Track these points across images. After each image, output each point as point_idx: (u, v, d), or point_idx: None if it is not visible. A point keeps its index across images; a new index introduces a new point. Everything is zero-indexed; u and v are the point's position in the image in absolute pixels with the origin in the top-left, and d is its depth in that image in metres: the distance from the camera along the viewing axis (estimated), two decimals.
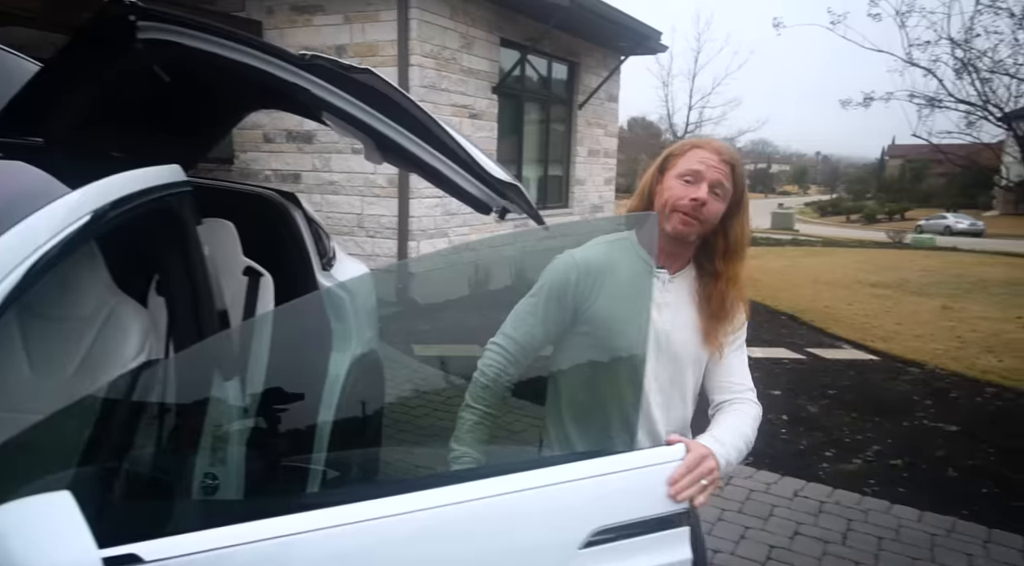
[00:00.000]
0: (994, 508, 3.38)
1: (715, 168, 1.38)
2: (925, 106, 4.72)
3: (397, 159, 2.07)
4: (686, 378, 1.47)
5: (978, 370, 5.83)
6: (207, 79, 2.12)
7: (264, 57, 1.79)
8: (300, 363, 2.53)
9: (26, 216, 1.16)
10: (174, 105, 2.18)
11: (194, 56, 1.81)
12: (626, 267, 1.45)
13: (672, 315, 1.45)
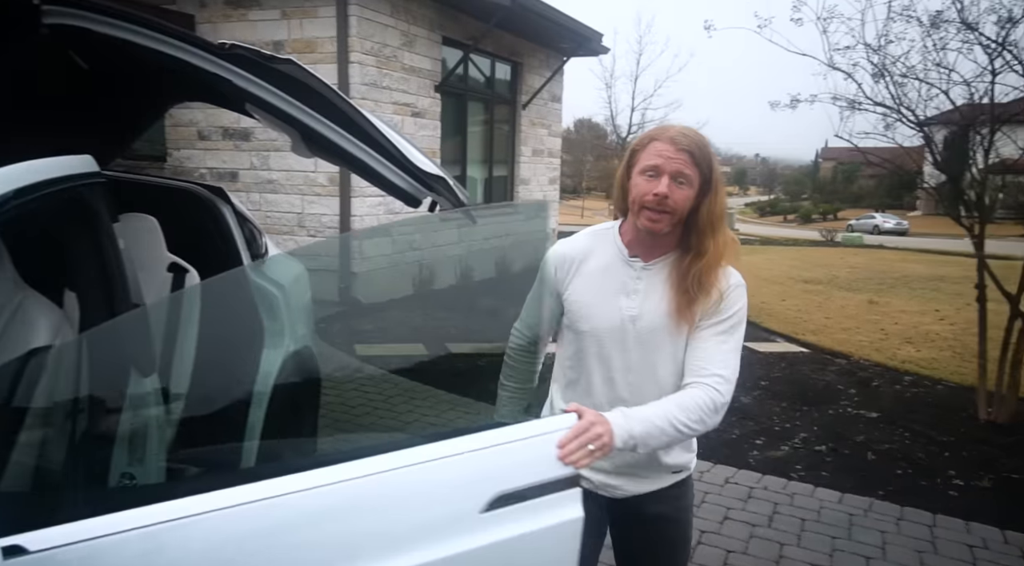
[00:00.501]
0: (906, 488, 3.57)
1: (673, 159, 1.38)
2: (846, 108, 4.91)
3: (323, 152, 2.06)
4: (656, 362, 1.49)
5: (898, 360, 6.15)
6: (125, 71, 2.07)
7: (181, 45, 1.76)
8: (229, 360, 2.48)
9: None
10: (90, 97, 2.11)
11: (105, 43, 1.76)
12: (601, 256, 1.54)
13: (642, 301, 1.48)
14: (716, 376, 1.43)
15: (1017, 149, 4.62)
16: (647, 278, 1.49)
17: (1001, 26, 4.28)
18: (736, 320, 1.47)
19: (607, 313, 1.49)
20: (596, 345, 1.51)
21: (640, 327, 1.47)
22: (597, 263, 1.53)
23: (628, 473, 1.58)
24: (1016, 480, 3.70)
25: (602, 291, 1.51)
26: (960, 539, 3.07)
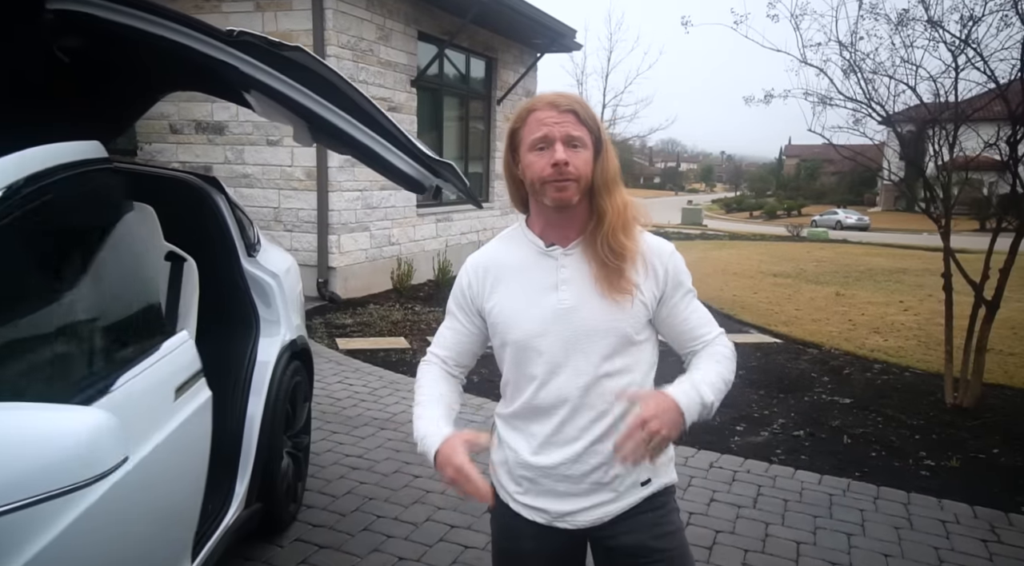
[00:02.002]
0: (881, 469, 3.71)
1: (559, 124, 1.27)
2: (818, 103, 5.06)
3: (329, 139, 2.08)
4: (607, 353, 1.33)
5: (867, 349, 6.34)
6: (124, 56, 2.05)
7: (187, 31, 1.77)
8: (225, 347, 2.48)
9: None
10: (84, 83, 2.09)
11: (109, 29, 1.75)
12: (516, 256, 1.38)
13: (573, 290, 1.33)
14: (717, 332, 1.41)
15: (979, 144, 4.81)
16: (571, 264, 1.34)
17: (963, 24, 4.46)
18: (687, 285, 1.40)
19: (539, 314, 1.33)
20: (534, 353, 1.33)
21: (579, 318, 1.32)
22: (514, 266, 1.37)
23: (575, 492, 1.36)
24: (983, 460, 3.86)
25: (527, 292, 1.35)
26: (934, 515, 3.20)
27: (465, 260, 1.47)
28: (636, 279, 1.33)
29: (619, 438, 1.21)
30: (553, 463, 1.35)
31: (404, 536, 2.82)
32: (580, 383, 1.33)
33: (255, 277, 2.69)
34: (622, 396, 1.30)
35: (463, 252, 10.10)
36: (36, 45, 1.76)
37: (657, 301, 1.37)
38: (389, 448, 3.71)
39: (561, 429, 1.35)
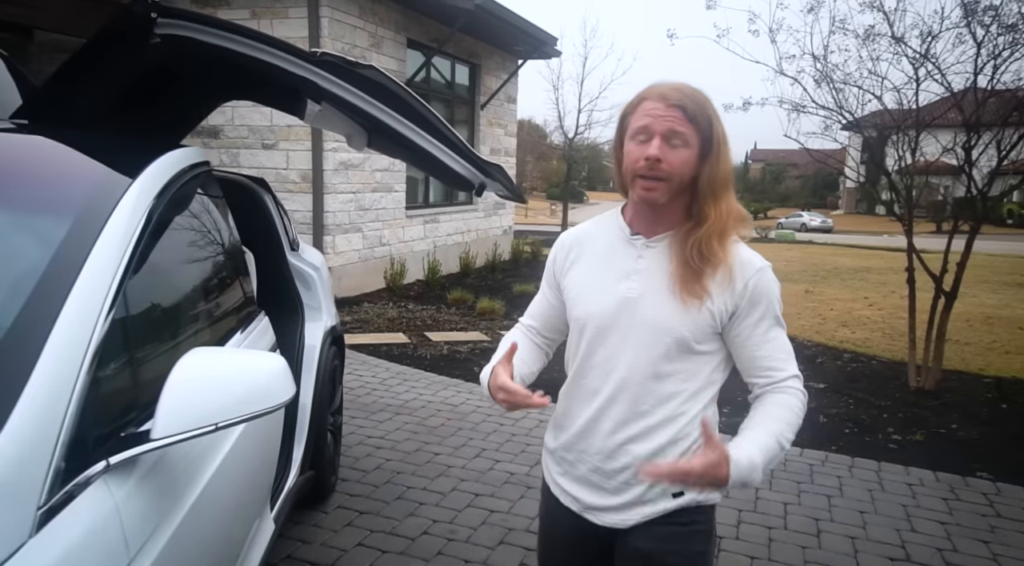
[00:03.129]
0: (854, 443, 4.11)
1: (663, 117, 1.22)
2: (792, 111, 5.48)
3: (388, 144, 2.36)
4: (660, 354, 1.29)
5: (836, 340, 6.79)
6: (201, 70, 2.31)
7: (276, 52, 2.04)
8: (279, 331, 2.74)
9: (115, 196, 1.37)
10: (168, 93, 2.34)
11: (206, 51, 2.02)
12: (603, 238, 1.39)
13: (644, 281, 1.30)
14: (793, 377, 1.32)
15: (938, 149, 5.28)
16: (650, 256, 1.31)
17: (923, 40, 4.91)
18: (772, 309, 1.32)
19: (604, 297, 1.33)
20: (592, 334, 1.34)
21: (642, 310, 1.29)
22: (599, 247, 1.38)
23: (605, 487, 1.35)
24: (943, 434, 4.29)
25: (601, 274, 1.35)
26: (901, 480, 3.60)
27: (447, 257, 1.74)
28: (711, 287, 1.27)
29: (658, 466, 1.21)
30: (589, 447, 1.35)
31: (434, 503, 3.10)
32: (626, 374, 1.30)
33: (299, 269, 2.96)
34: (686, 417, 1.29)
35: (450, 252, 10.38)
36: (143, 64, 2.02)
37: (729, 315, 1.29)
38: (407, 430, 3.99)
39: (600, 416, 1.33)
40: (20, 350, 1.00)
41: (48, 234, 1.21)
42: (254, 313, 2.05)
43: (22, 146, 1.55)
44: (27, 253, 1.20)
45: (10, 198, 1.29)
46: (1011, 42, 4.56)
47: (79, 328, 1.08)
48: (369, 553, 2.67)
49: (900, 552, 2.87)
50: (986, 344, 6.78)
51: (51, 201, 1.30)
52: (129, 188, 1.39)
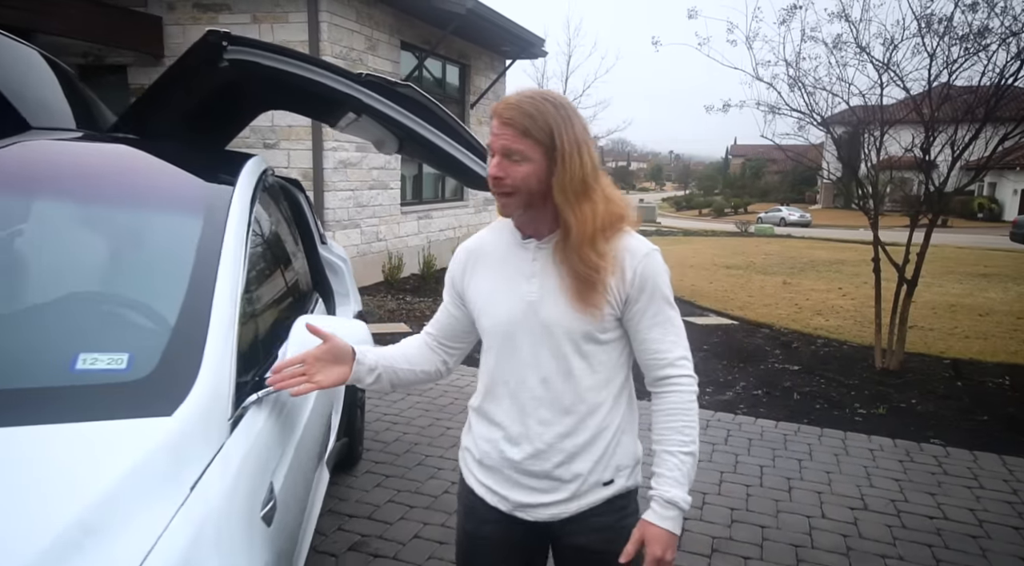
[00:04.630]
0: (824, 417, 4.54)
1: (499, 135, 1.25)
2: (768, 113, 5.90)
3: (417, 148, 2.73)
4: (568, 353, 1.31)
5: (811, 328, 7.26)
6: (255, 85, 2.65)
7: (327, 74, 2.39)
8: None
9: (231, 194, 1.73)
10: (228, 104, 2.68)
11: (266, 72, 2.37)
12: (499, 244, 1.39)
13: (541, 283, 1.32)
14: (681, 358, 1.35)
15: (901, 148, 5.73)
16: (542, 258, 1.33)
17: (886, 48, 5.36)
18: (658, 292, 1.33)
19: (507, 304, 1.33)
20: (502, 341, 1.35)
21: (545, 313, 1.30)
22: (495, 254, 1.39)
23: (536, 487, 1.37)
24: (904, 408, 4.74)
25: (502, 281, 1.35)
26: (864, 446, 4.03)
27: (440, 251, 2.04)
28: (608, 281, 1.28)
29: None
30: (516, 457, 1.35)
31: (451, 468, 3.48)
32: (542, 376, 1.32)
33: (328, 260, 3.31)
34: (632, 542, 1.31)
35: (443, 247, 10.73)
36: (212, 84, 2.36)
37: (623, 303, 1.31)
38: (419, 409, 4.35)
39: (524, 421, 1.34)
40: (197, 318, 1.35)
41: (188, 229, 1.56)
42: (312, 294, 2.41)
43: (140, 156, 1.90)
44: (177, 243, 1.55)
45: (149, 200, 1.63)
46: (963, 51, 5.01)
47: (227, 300, 1.43)
48: (399, 508, 3.05)
49: (859, 503, 3.30)
50: (948, 330, 7.28)
51: (184, 202, 1.65)
52: (236, 190, 1.75)
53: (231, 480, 1.16)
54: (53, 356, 1.25)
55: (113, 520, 0.95)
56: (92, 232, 1.56)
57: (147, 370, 1.23)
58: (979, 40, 4.96)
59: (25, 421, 1.08)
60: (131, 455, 1.06)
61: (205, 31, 2.25)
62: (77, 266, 1.50)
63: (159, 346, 1.28)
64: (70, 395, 1.15)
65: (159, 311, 1.38)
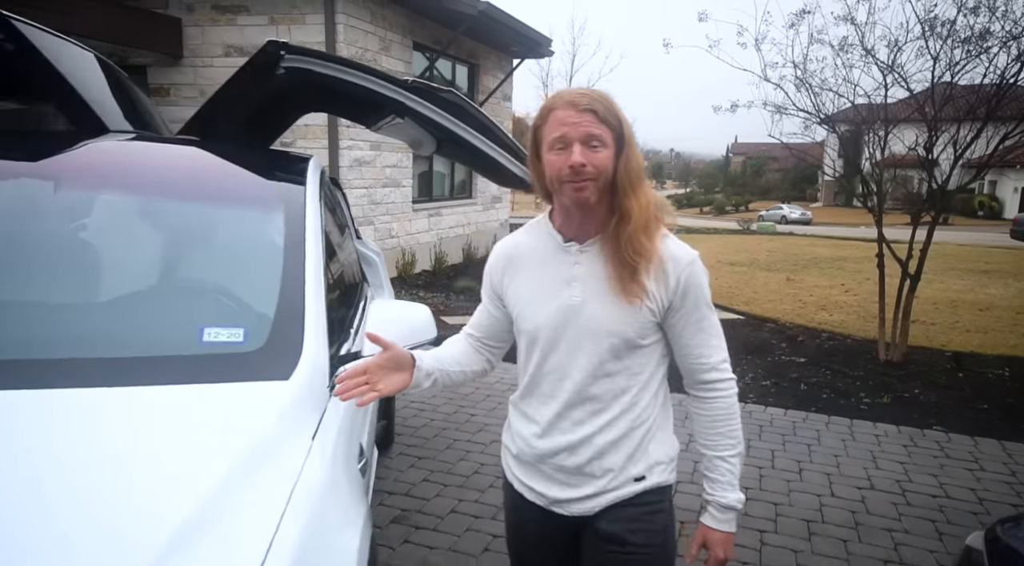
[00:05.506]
0: (830, 405, 4.73)
1: (578, 123, 1.26)
2: (775, 113, 6.09)
3: (456, 149, 2.91)
4: (608, 358, 1.34)
5: (815, 322, 7.45)
6: (303, 90, 2.84)
7: (376, 80, 2.57)
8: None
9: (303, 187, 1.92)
10: (278, 108, 2.87)
11: (319, 79, 2.55)
12: (537, 248, 1.41)
13: (584, 287, 1.34)
14: (722, 361, 1.41)
15: (904, 146, 5.91)
16: (586, 261, 1.35)
17: (890, 50, 5.54)
18: (702, 299, 1.37)
19: (548, 307, 1.36)
20: (543, 344, 1.38)
21: (586, 315, 1.33)
22: (533, 257, 1.41)
23: (570, 482, 1.41)
24: (907, 398, 4.93)
25: (541, 285, 1.38)
26: (869, 433, 4.22)
27: (451, 248, 2.21)
28: (648, 284, 1.31)
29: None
30: (551, 450, 1.39)
31: (479, 451, 3.67)
32: (579, 378, 1.35)
33: (364, 254, 3.49)
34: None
35: (453, 244, 10.93)
36: (268, 90, 2.54)
37: (665, 310, 1.34)
38: (444, 397, 4.55)
39: (559, 420, 1.38)
40: (294, 299, 1.54)
41: (275, 222, 1.75)
42: (363, 282, 2.60)
43: (217, 158, 2.08)
44: (268, 235, 1.74)
45: (239, 197, 1.82)
46: (965, 54, 5.19)
47: (316, 283, 1.62)
48: (434, 486, 3.24)
49: (866, 483, 3.49)
50: (950, 324, 7.47)
51: (267, 199, 1.84)
52: (307, 188, 1.94)
53: (337, 434, 1.35)
54: (184, 330, 1.45)
55: (264, 458, 1.14)
56: (197, 225, 1.75)
57: (260, 343, 1.43)
58: (981, 43, 5.14)
59: (175, 381, 1.28)
60: (269, 409, 1.26)
61: (265, 41, 2.43)
62: (188, 254, 1.69)
63: (266, 323, 1.48)
64: (204, 361, 1.35)
65: (262, 293, 1.56)
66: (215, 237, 1.74)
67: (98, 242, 1.67)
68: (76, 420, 1.17)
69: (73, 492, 1.03)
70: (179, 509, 1.02)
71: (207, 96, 2.83)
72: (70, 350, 1.36)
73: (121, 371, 1.28)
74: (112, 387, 1.24)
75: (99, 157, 1.87)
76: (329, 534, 1.12)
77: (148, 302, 1.56)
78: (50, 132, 2.23)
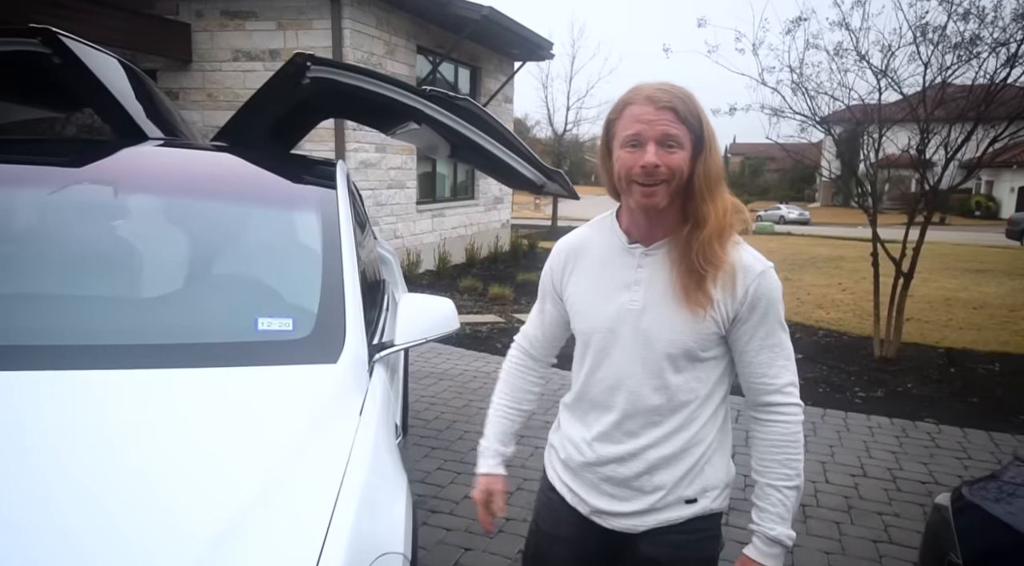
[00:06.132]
0: (826, 399, 4.90)
1: (655, 122, 1.19)
2: (772, 115, 6.26)
3: (471, 154, 3.08)
4: (666, 366, 1.28)
5: (813, 320, 7.62)
6: (328, 98, 3.00)
7: (396, 89, 2.74)
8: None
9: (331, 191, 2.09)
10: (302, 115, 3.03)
11: (343, 89, 2.72)
12: (600, 247, 1.36)
13: (645, 292, 1.28)
14: (789, 385, 1.33)
15: (897, 148, 6.08)
16: (649, 265, 1.29)
17: (884, 55, 5.70)
18: (772, 314, 1.29)
19: (605, 310, 1.30)
20: (596, 348, 1.32)
21: (646, 323, 1.27)
22: (595, 256, 1.35)
23: (617, 494, 1.35)
24: (900, 392, 5.10)
25: (600, 285, 1.32)
26: (863, 424, 4.39)
27: (454, 249, 2.37)
28: (714, 293, 1.24)
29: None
30: (601, 459, 1.34)
31: None
32: (634, 387, 1.29)
33: (381, 255, 3.66)
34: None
35: (455, 244, 11.09)
36: (294, 99, 2.71)
37: (730, 321, 1.27)
38: (452, 392, 4.71)
39: (612, 428, 1.32)
40: (335, 291, 1.70)
41: (312, 222, 1.92)
42: (383, 279, 2.77)
43: (252, 163, 2.25)
44: (307, 234, 1.90)
45: (278, 199, 1.99)
46: (956, 59, 5.37)
47: (352, 278, 1.79)
48: (448, 474, 3.41)
49: (859, 471, 3.66)
50: (943, 322, 7.64)
51: (304, 200, 2.00)
52: (338, 191, 2.10)
53: (379, 412, 1.51)
54: (242, 320, 1.62)
55: (321, 429, 1.31)
56: (246, 226, 1.92)
57: (308, 331, 1.59)
58: (970, 48, 5.31)
59: (239, 364, 1.45)
60: (321, 388, 1.43)
61: (293, 53, 2.60)
62: (239, 252, 1.86)
63: (312, 313, 1.64)
64: (260, 347, 1.52)
65: (306, 287, 1.73)
66: (262, 236, 1.91)
67: (163, 243, 1.85)
68: (158, 395, 1.35)
69: (163, 453, 1.20)
70: (251, 473, 1.18)
71: (214, 99, 2.98)
72: (147, 338, 1.54)
73: (192, 355, 1.46)
74: (186, 368, 1.41)
75: (152, 163, 2.04)
76: (379, 499, 1.28)
77: (209, 295, 1.74)
78: (96, 140, 2.39)
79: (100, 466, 1.15)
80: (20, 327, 1.51)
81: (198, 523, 1.06)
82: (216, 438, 1.26)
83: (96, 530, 1.03)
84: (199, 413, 1.32)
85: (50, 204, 1.82)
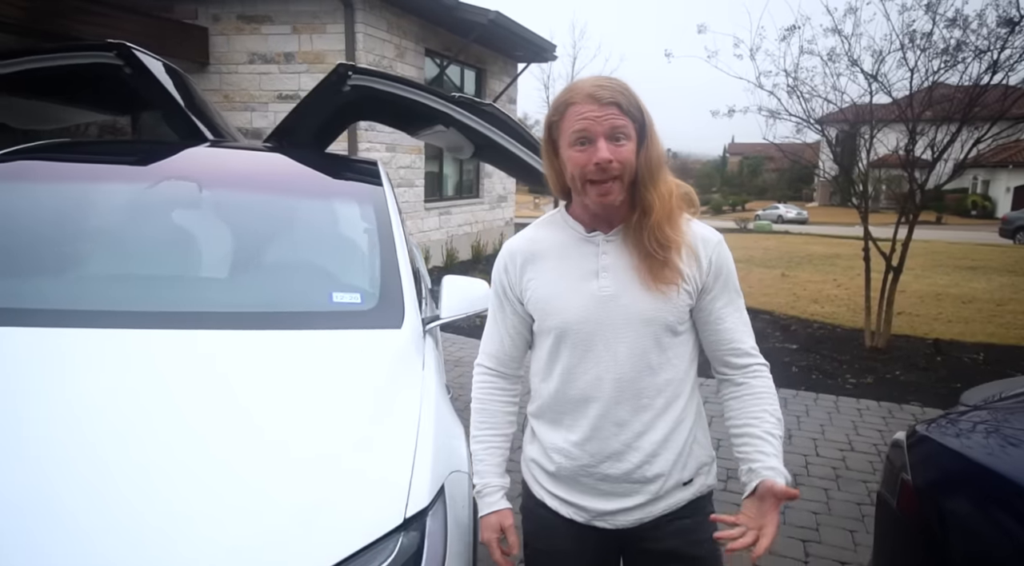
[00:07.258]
0: (818, 384, 5.21)
1: (600, 118, 1.20)
2: (769, 117, 6.57)
3: (493, 154, 3.38)
4: (647, 347, 1.28)
5: (808, 314, 7.93)
6: (363, 103, 3.30)
7: (428, 95, 3.04)
8: None
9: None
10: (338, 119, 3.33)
11: (380, 95, 3.01)
12: (555, 241, 1.35)
13: (613, 277, 1.29)
14: (753, 348, 1.38)
15: (888, 149, 6.39)
16: (612, 251, 1.30)
17: (875, 60, 6.01)
18: (731, 280, 1.34)
19: (577, 301, 1.29)
20: (574, 341, 1.30)
21: (623, 306, 1.27)
22: (553, 251, 1.34)
23: (616, 492, 1.33)
24: (888, 379, 5.41)
25: (566, 278, 1.31)
26: (853, 407, 4.70)
27: (460, 246, 2.62)
28: (682, 267, 1.28)
29: (741, 540, 1.20)
30: (595, 458, 1.31)
31: None
32: (620, 373, 1.28)
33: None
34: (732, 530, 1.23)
35: (461, 241, 11.39)
36: (335, 104, 3.00)
37: (699, 292, 1.30)
38: (468, 377, 4.99)
39: (599, 424, 1.30)
40: (393, 270, 2.01)
41: (368, 212, 2.22)
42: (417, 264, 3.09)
43: (304, 163, 2.55)
44: (366, 222, 2.20)
45: (336, 193, 2.30)
46: (942, 63, 5.68)
47: (405, 259, 2.09)
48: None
49: (847, 446, 3.97)
50: (933, 316, 7.95)
51: (358, 194, 2.31)
52: (384, 185, 2.40)
53: (437, 369, 1.82)
54: (319, 293, 1.93)
55: (398, 380, 1.62)
56: (314, 216, 2.23)
57: (373, 303, 1.90)
58: (956, 54, 5.62)
59: (322, 328, 1.77)
60: (392, 347, 1.74)
61: (336, 63, 2.90)
62: (310, 238, 2.17)
63: (375, 289, 1.95)
64: (337, 315, 1.83)
65: (367, 267, 2.04)
66: (328, 226, 2.22)
67: (248, 231, 2.16)
68: (268, 346, 1.68)
69: (273, 399, 1.52)
70: (361, 405, 1.51)
71: (231, 100, 3.24)
72: (246, 307, 1.86)
73: (284, 320, 1.77)
74: (282, 330, 1.73)
75: (229, 163, 2.35)
76: (445, 430, 1.59)
77: (290, 274, 2.05)
78: (167, 142, 2.70)
79: (236, 401, 1.47)
80: (151, 296, 1.83)
81: (335, 436, 1.40)
82: (322, 378, 1.58)
83: (257, 442, 1.37)
84: (304, 359, 1.65)
85: (153, 198, 2.14)
